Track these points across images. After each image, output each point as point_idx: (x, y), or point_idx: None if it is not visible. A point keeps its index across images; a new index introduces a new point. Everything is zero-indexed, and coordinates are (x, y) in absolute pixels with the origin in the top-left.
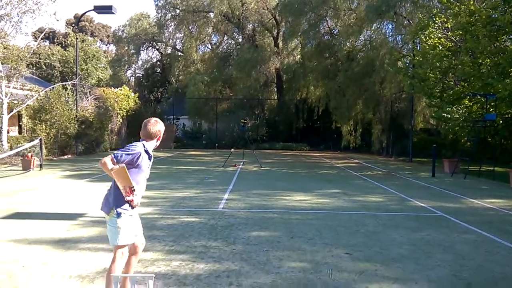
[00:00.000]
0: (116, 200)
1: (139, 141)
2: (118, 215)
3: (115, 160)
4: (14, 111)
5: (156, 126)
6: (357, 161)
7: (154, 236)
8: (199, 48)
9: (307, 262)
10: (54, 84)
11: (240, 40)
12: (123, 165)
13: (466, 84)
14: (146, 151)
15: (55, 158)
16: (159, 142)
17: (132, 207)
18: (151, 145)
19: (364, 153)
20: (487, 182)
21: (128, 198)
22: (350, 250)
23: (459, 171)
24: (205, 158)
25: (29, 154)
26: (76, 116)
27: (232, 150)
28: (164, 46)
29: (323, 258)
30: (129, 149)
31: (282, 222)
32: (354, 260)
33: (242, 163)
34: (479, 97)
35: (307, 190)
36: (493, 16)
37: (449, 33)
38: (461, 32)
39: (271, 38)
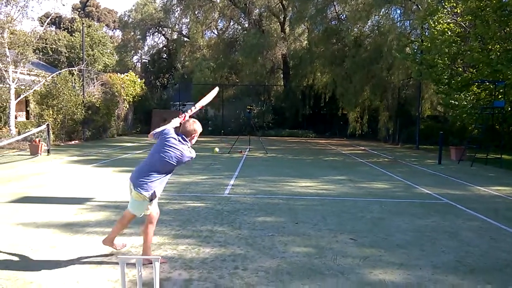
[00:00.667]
0: (158, 187)
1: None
2: (152, 199)
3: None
4: (22, 96)
5: (193, 125)
6: (363, 148)
7: (160, 221)
8: (205, 34)
9: (312, 247)
10: (60, 70)
11: (246, 25)
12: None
13: (474, 70)
14: (179, 140)
15: (62, 144)
16: (193, 141)
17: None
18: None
19: (371, 140)
20: (494, 170)
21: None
22: (355, 236)
23: (466, 158)
24: (211, 144)
25: (37, 139)
26: (83, 101)
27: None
28: (170, 32)
29: (328, 244)
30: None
31: (287, 208)
32: (359, 246)
33: (248, 149)
34: (487, 83)
35: (312, 177)
36: (503, 0)
37: (459, 18)
38: (470, 17)
39: (278, 23)
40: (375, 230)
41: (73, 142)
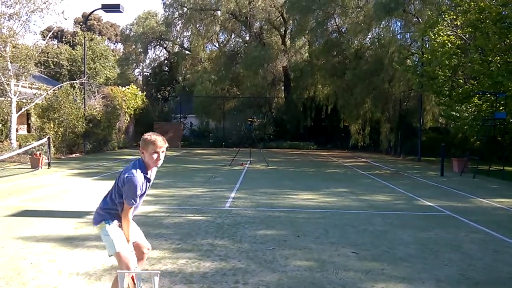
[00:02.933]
0: (107, 213)
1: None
2: (109, 223)
3: (134, 206)
4: (23, 109)
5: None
6: (365, 160)
7: (160, 234)
8: (207, 47)
9: (314, 260)
10: (62, 83)
11: (247, 38)
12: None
13: (475, 82)
14: (145, 177)
15: (63, 157)
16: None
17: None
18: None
19: (372, 152)
20: (496, 182)
21: None
22: (357, 249)
23: (468, 170)
24: (212, 156)
25: (38, 153)
26: (84, 114)
27: (235, 148)
28: (171, 45)
29: (329, 257)
30: (135, 188)
31: (288, 220)
32: (361, 259)
33: (249, 162)
34: (488, 95)
35: (314, 189)
36: (503, 13)
37: (459, 30)
38: (470, 30)
39: (279, 36)
40: (377, 243)
41: (74, 155)
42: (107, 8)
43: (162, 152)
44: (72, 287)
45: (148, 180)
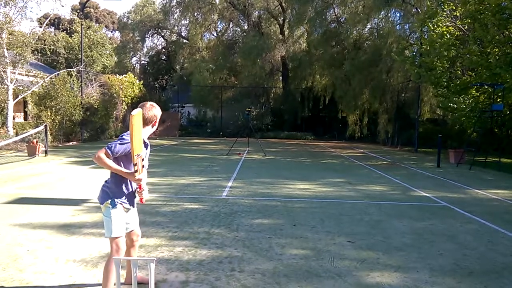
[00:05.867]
0: (114, 191)
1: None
2: (114, 205)
3: (109, 152)
4: (20, 97)
5: (152, 110)
6: (362, 150)
7: (157, 222)
8: (205, 36)
9: (309, 249)
10: (59, 71)
11: (245, 27)
12: (138, 110)
13: (473, 73)
14: (144, 142)
15: (60, 145)
16: (155, 127)
17: (138, 194)
18: (146, 132)
19: (370, 142)
20: (492, 173)
21: (137, 176)
22: (353, 238)
23: (465, 161)
24: (210, 146)
25: (35, 140)
26: (81, 102)
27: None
28: (169, 33)
29: (325, 246)
30: (123, 138)
31: (285, 210)
32: (356, 248)
33: (246, 151)
34: (486, 87)
35: (311, 179)
36: (503, 4)
37: (458, 21)
38: (469, 21)
39: (277, 25)
40: (373, 232)
41: (71, 143)
42: None
43: None
44: (68, 274)
45: (146, 145)
